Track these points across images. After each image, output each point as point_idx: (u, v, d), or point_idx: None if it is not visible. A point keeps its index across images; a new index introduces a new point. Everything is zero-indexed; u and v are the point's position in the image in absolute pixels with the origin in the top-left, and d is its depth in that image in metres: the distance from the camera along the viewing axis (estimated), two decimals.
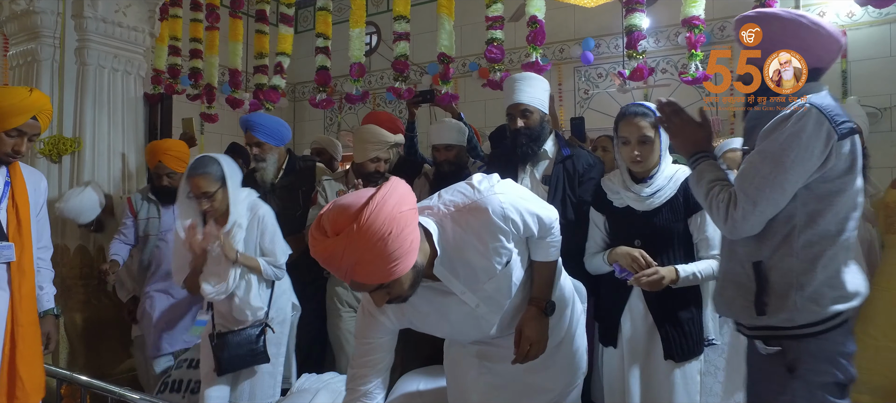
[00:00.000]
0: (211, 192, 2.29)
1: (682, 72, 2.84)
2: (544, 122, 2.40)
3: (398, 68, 3.43)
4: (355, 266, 1.24)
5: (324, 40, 3.86)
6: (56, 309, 2.34)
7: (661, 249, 1.97)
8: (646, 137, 1.96)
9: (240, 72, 4.37)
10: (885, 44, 5.13)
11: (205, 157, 2.37)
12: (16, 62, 3.62)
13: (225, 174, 2.33)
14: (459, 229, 1.43)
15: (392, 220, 1.22)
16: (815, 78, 1.46)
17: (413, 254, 1.30)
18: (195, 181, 2.28)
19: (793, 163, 1.36)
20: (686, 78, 2.77)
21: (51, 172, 3.46)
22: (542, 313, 1.59)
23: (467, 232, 1.43)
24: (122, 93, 3.69)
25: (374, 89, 7.34)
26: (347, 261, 1.24)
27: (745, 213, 1.41)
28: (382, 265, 1.24)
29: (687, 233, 2.00)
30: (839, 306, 1.39)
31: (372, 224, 1.21)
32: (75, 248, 3.44)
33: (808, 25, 1.43)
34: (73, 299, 3.44)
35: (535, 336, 1.57)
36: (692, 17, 2.75)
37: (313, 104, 3.90)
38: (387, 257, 1.23)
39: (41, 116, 2.09)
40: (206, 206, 2.30)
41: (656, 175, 2.00)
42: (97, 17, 3.53)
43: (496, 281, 1.52)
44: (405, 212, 1.27)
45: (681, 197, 1.99)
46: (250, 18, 4.68)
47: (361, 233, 1.21)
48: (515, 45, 6.17)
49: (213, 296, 2.32)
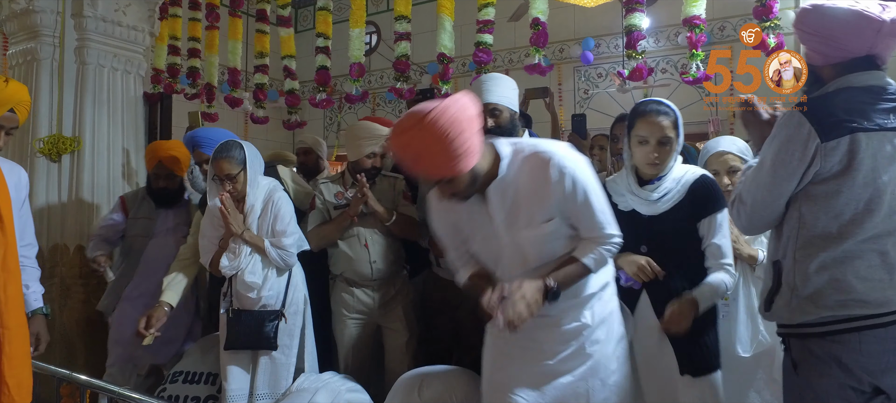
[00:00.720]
0: (233, 174, 2.45)
1: (682, 71, 2.84)
2: (514, 121, 2.41)
3: (399, 68, 3.43)
4: (420, 157, 1.46)
5: (324, 40, 3.86)
6: (45, 309, 2.25)
7: (668, 255, 1.86)
8: (667, 138, 1.84)
9: (239, 71, 4.37)
10: None
11: (230, 141, 2.52)
12: (15, 61, 3.62)
13: (246, 158, 2.48)
14: (524, 168, 1.57)
15: (453, 122, 1.40)
16: (851, 68, 1.41)
17: (471, 158, 1.46)
18: (219, 163, 2.45)
19: (773, 166, 1.41)
20: (687, 78, 2.76)
21: (50, 171, 3.46)
22: (544, 285, 1.54)
23: (528, 173, 1.57)
24: (122, 93, 3.69)
25: (373, 89, 7.34)
26: (414, 151, 1.46)
27: (739, 211, 1.50)
28: (443, 159, 1.43)
29: (696, 238, 1.89)
30: (845, 311, 1.37)
31: (436, 121, 1.39)
32: (75, 247, 3.44)
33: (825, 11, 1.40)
34: (73, 298, 3.44)
35: (521, 296, 1.50)
36: (693, 16, 2.74)
37: (313, 104, 3.90)
38: (447, 153, 1.42)
39: (19, 108, 2.00)
40: (229, 188, 2.46)
41: (665, 177, 1.89)
42: (97, 16, 3.53)
43: (531, 232, 1.59)
44: (466, 118, 1.43)
45: (688, 200, 1.87)
46: (250, 18, 4.67)
47: (426, 129, 1.39)
48: (515, 44, 6.20)
49: (227, 271, 2.46)
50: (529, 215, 1.58)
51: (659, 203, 1.88)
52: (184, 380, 2.65)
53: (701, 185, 1.88)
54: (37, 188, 3.42)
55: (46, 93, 3.47)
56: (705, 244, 1.88)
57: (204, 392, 2.61)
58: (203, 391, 2.61)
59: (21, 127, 3.44)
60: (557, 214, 1.57)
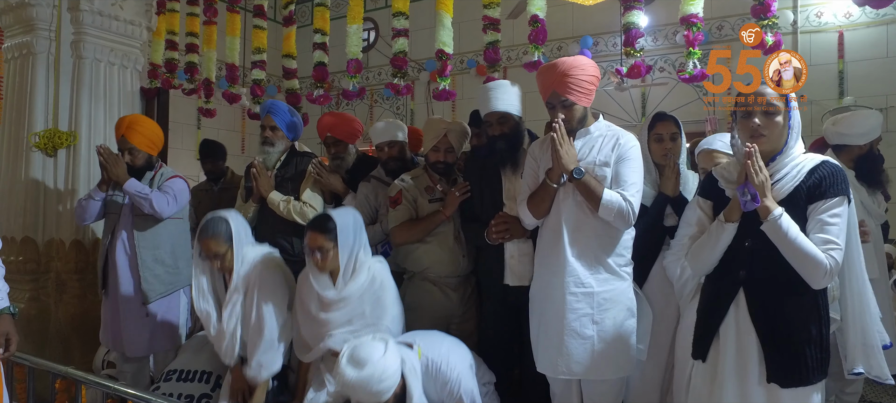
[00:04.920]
0: (221, 252, 2.45)
1: (679, 70, 2.84)
2: (521, 126, 2.56)
3: (397, 65, 3.42)
4: (565, 74, 2.12)
5: (321, 36, 3.84)
6: (12, 307, 2.21)
7: (775, 248, 1.66)
8: (772, 106, 1.66)
9: (237, 67, 4.35)
10: (881, 45, 5.14)
11: (214, 219, 2.49)
12: (11, 55, 3.60)
13: (233, 234, 2.46)
14: (607, 132, 2.23)
15: (594, 71, 2.20)
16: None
17: (587, 100, 2.18)
18: (206, 243, 2.44)
19: None
20: (683, 76, 2.77)
21: (46, 166, 3.44)
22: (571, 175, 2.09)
23: (607, 136, 2.22)
24: (119, 87, 3.67)
25: (371, 85, 7.33)
26: (563, 68, 2.13)
27: None
28: (575, 85, 2.13)
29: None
30: None
31: (579, 61, 2.18)
32: (71, 243, 3.42)
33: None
34: (68, 294, 3.43)
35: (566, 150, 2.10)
36: (690, 15, 2.74)
37: (310, 100, 3.89)
38: (579, 84, 2.13)
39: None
40: (218, 265, 2.47)
41: (781, 159, 1.70)
42: (93, 10, 3.51)
43: (590, 169, 2.15)
44: (592, 77, 2.18)
45: (804, 189, 1.67)
46: (248, 13, 4.66)
47: (574, 61, 2.16)
48: (514, 42, 6.19)
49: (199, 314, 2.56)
50: (594, 160, 2.16)
51: (775, 186, 1.70)
52: (178, 379, 2.64)
53: (824, 167, 1.69)
54: (32, 182, 3.41)
55: (42, 88, 3.45)
56: (811, 223, 1.66)
57: (198, 391, 2.60)
58: (197, 389, 2.60)
59: (17, 121, 3.46)
60: (612, 165, 2.14)
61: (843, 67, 5.24)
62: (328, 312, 2.35)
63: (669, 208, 2.36)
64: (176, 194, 2.95)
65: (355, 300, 2.34)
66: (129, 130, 2.94)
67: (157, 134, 3.06)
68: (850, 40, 5.23)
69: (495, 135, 2.51)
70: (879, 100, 4.94)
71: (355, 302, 2.34)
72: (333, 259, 2.32)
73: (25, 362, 2.57)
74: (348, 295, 2.33)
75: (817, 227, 1.64)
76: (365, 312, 2.34)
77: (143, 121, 3.08)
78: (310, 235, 2.34)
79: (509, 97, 2.49)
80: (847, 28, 5.24)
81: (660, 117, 2.47)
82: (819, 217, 1.64)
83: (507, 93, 2.49)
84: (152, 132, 3.03)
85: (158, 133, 3.09)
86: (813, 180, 1.67)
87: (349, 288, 2.34)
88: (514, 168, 2.51)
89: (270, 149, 3.00)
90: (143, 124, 3.02)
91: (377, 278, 2.39)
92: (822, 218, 1.64)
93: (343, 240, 2.31)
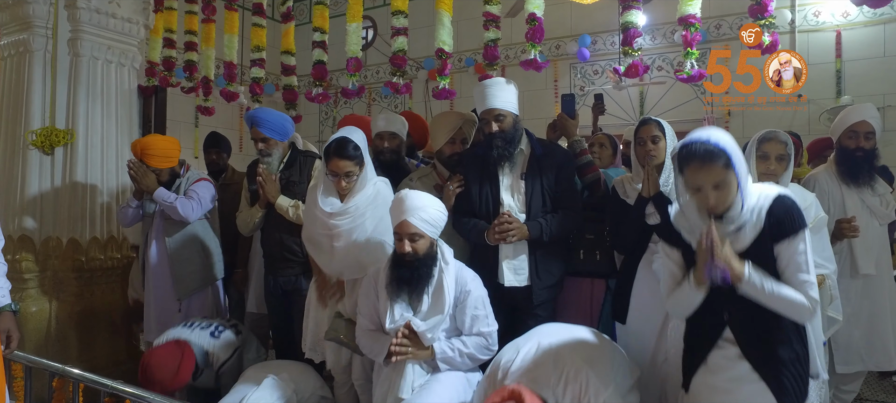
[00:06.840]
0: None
1: (677, 70, 2.84)
2: (517, 124, 2.54)
3: (396, 63, 3.41)
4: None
5: (320, 34, 3.83)
6: (13, 305, 2.23)
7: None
8: (720, 183, 1.66)
9: (235, 65, 4.33)
10: (879, 44, 5.15)
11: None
12: (7, 52, 3.58)
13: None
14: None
15: None
16: None
17: None
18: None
19: None
20: (681, 76, 2.77)
21: (43, 164, 3.43)
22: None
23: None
24: (116, 85, 3.66)
25: (370, 84, 7.32)
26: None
27: None
28: None
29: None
30: None
31: None
32: (68, 241, 3.41)
33: None
34: (65, 291, 3.42)
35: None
36: (688, 15, 2.73)
37: (309, 98, 3.88)
38: None
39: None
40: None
41: (737, 208, 1.69)
42: (90, 7, 3.49)
43: None
44: None
45: (767, 232, 1.68)
46: (247, 11, 4.64)
47: None
48: (512, 40, 6.18)
49: None
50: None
51: (734, 238, 1.70)
52: None
53: (778, 206, 1.70)
54: (29, 181, 3.40)
55: (39, 86, 3.44)
56: (784, 263, 1.68)
57: None
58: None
59: (14, 119, 3.44)
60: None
61: (841, 66, 5.25)
62: (335, 220, 2.41)
63: (651, 206, 2.35)
64: (201, 198, 3.18)
65: (362, 211, 2.41)
66: (145, 156, 3.15)
67: (171, 147, 3.25)
68: (847, 39, 5.24)
69: (493, 133, 2.51)
70: (877, 99, 4.95)
71: (361, 212, 2.42)
72: (359, 181, 2.40)
73: (23, 360, 2.57)
74: (355, 206, 2.40)
75: (792, 267, 1.68)
76: (366, 226, 2.42)
77: (153, 142, 3.23)
78: (334, 161, 2.35)
79: (506, 94, 2.49)
80: (844, 27, 5.25)
81: (643, 122, 2.45)
82: (789, 256, 1.68)
83: (503, 90, 2.49)
84: (166, 148, 3.22)
85: (172, 145, 3.27)
86: (772, 221, 1.69)
87: (355, 199, 2.40)
88: (512, 166, 2.52)
89: (269, 159, 2.97)
90: (154, 146, 3.18)
91: (381, 193, 2.47)
92: (793, 259, 1.67)
93: (367, 160, 2.41)
